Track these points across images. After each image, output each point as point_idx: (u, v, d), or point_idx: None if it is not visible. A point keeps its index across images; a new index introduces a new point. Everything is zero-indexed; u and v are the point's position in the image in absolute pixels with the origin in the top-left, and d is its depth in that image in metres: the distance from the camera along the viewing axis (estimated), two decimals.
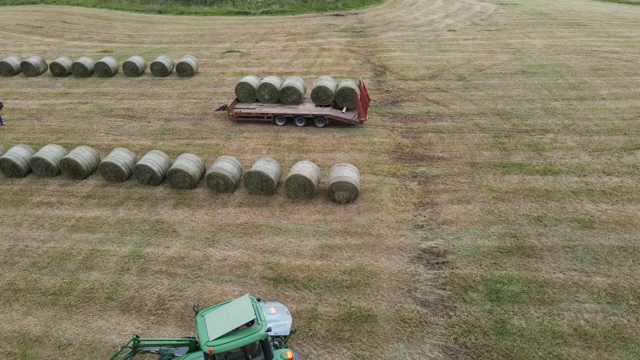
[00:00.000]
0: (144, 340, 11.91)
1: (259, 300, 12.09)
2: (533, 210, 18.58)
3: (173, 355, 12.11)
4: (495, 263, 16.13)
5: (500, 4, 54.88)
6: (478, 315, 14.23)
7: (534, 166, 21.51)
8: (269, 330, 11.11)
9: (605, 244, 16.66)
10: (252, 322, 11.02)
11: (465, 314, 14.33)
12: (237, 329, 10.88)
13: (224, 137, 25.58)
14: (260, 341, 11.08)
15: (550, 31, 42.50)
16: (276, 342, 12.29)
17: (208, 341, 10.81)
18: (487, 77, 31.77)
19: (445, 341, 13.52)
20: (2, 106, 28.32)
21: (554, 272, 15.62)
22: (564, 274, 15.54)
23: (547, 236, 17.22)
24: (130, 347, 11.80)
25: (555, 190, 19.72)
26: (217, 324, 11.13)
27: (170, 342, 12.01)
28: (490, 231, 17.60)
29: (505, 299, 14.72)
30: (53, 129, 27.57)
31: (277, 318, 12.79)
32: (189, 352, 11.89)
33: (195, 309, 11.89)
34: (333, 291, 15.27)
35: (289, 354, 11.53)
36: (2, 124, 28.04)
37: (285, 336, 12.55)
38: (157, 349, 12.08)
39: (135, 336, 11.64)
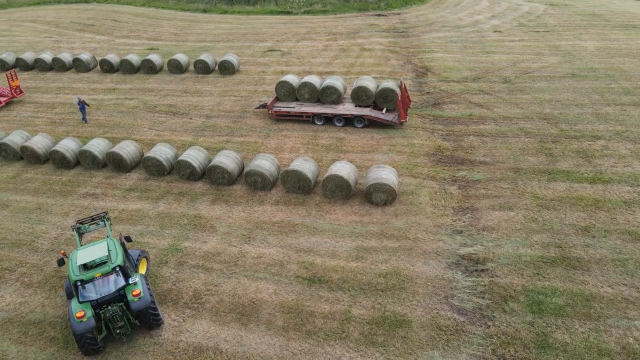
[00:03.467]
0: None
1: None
2: (580, 220, 17.74)
3: None
4: (538, 273, 15.48)
5: (550, 5, 52.86)
6: (518, 327, 13.68)
7: (582, 174, 20.54)
8: (78, 283, 13.02)
9: None
10: (87, 266, 13.50)
11: (505, 324, 13.81)
12: (86, 264, 13.54)
13: (263, 135, 25.78)
14: (73, 282, 13.06)
15: (604, 33, 40.55)
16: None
17: (74, 250, 13.91)
18: (534, 80, 30.64)
19: (483, 352, 13.06)
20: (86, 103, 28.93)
21: (601, 286, 14.83)
22: (612, 288, 14.74)
23: (595, 248, 16.38)
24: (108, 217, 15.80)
25: (605, 200, 18.76)
26: (95, 251, 13.74)
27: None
28: (534, 240, 16.91)
29: (547, 311, 14.09)
30: (100, 123, 28.61)
31: (115, 282, 13.48)
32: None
33: (123, 236, 15.25)
34: (367, 294, 15.06)
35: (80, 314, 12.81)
36: (85, 119, 28.79)
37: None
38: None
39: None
